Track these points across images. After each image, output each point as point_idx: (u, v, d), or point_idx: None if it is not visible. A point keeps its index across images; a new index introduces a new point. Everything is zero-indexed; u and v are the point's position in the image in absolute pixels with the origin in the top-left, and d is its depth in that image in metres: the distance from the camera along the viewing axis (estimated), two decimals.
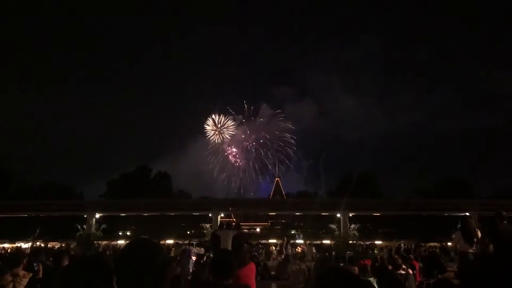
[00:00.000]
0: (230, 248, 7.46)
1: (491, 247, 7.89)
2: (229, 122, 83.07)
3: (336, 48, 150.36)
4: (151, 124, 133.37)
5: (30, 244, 36.85)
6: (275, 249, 39.62)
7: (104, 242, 36.88)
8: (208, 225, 35.74)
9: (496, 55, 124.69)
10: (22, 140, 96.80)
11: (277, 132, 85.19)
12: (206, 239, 30.17)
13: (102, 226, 34.60)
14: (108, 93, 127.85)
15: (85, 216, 34.74)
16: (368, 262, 11.77)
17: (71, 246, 33.50)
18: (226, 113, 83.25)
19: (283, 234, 50.63)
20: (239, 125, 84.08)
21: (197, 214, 40.85)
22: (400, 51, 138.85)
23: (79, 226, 33.73)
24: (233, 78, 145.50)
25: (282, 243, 29.29)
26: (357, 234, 33.63)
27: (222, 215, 37.35)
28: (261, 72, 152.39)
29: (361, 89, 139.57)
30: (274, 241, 44.46)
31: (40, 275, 8.05)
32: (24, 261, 8.04)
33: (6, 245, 37.38)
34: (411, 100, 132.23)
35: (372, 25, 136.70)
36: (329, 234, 37.53)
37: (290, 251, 23.87)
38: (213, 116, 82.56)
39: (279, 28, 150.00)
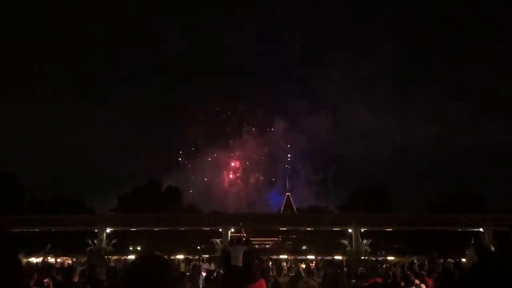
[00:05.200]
0: (240, 264, 7.42)
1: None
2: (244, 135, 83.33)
3: (351, 60, 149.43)
4: (162, 137, 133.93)
5: (41, 259, 36.99)
6: (286, 265, 39.29)
7: (115, 257, 36.93)
8: (218, 240, 35.60)
9: None
10: (34, 154, 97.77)
11: (290, 146, 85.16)
12: (217, 254, 30.04)
13: (113, 241, 34.66)
14: (120, 107, 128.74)
15: (96, 230, 34.90)
16: (379, 280, 11.62)
17: (82, 261, 33.61)
18: (239, 126, 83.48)
19: (294, 249, 50.22)
20: (254, 138, 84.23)
21: (208, 229, 40.77)
22: (417, 63, 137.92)
23: (90, 241, 33.86)
24: (245, 90, 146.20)
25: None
26: (369, 249, 33.25)
27: (233, 230, 37.23)
28: (275, 85, 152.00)
29: (376, 102, 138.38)
30: (285, 256, 44.07)
31: None
32: (35, 277, 8.06)
33: None
34: (427, 113, 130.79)
35: (388, 37, 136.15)
36: (340, 249, 37.16)
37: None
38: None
39: (293, 40, 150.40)
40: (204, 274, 17.96)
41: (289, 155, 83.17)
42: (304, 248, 51.97)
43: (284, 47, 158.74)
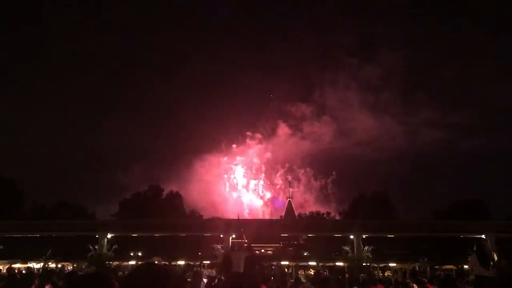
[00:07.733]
0: (242, 270, 7.39)
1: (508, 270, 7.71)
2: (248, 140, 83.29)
3: (356, 65, 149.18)
4: (163, 142, 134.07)
5: (42, 264, 36.93)
6: (287, 271, 39.10)
7: (115, 263, 36.85)
8: (219, 246, 35.54)
9: None
10: (35, 160, 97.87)
11: (292, 151, 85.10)
12: (218, 260, 29.94)
13: (114, 247, 34.61)
14: (122, 113, 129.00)
15: (97, 236, 34.87)
16: (381, 287, 11.57)
17: (83, 267, 33.51)
18: (242, 132, 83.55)
19: (296, 255, 50.02)
20: (257, 143, 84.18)
21: (209, 234, 40.69)
22: (422, 68, 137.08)
23: (91, 247, 33.82)
24: (248, 95, 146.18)
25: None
26: (370, 256, 33.13)
27: (234, 236, 37.14)
28: (278, 90, 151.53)
29: (381, 108, 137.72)
30: (286, 263, 43.89)
31: None
32: (36, 282, 8.05)
33: (18, 265, 37.46)
34: (431, 119, 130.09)
35: (393, 42, 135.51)
36: (342, 256, 37.04)
37: None
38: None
39: (297, 44, 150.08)
40: (205, 280, 17.88)
41: (285, 161, 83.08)
42: (305, 254, 51.80)
43: (288, 51, 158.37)
